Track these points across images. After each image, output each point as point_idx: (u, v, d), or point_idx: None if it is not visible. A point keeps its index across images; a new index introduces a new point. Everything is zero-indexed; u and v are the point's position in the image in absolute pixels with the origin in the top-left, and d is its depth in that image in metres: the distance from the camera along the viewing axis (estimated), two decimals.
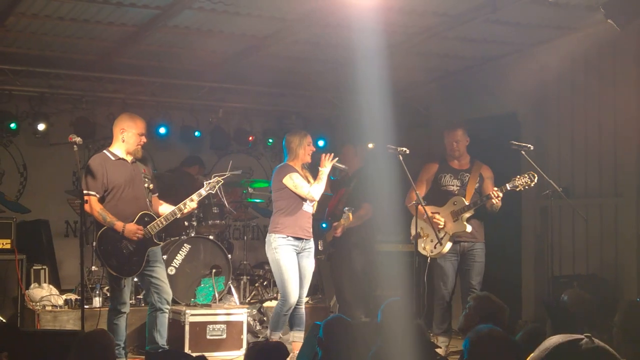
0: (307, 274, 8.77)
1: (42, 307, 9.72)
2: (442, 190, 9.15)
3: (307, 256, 8.75)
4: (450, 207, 8.99)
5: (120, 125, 8.07)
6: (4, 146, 11.92)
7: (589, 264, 9.47)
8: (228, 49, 10.38)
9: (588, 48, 9.33)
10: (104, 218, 7.75)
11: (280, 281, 8.65)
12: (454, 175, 9.16)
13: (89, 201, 7.75)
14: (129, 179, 7.94)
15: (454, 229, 8.91)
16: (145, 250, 7.92)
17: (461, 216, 8.90)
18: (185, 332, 9.39)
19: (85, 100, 11.76)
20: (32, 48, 10.38)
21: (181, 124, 12.55)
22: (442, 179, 9.19)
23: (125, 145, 8.01)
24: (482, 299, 6.28)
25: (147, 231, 7.87)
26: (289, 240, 8.56)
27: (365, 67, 9.10)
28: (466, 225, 8.89)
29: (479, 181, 9.11)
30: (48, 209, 11.91)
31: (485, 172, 9.17)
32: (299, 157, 8.73)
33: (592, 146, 9.50)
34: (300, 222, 8.64)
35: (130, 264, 7.87)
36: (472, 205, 8.88)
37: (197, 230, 10.68)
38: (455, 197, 9.01)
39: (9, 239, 10.06)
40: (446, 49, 10.13)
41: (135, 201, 7.94)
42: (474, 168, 9.17)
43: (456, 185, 9.13)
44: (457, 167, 9.21)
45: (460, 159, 9.22)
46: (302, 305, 8.80)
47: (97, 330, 7.04)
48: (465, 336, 4.54)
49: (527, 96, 10.16)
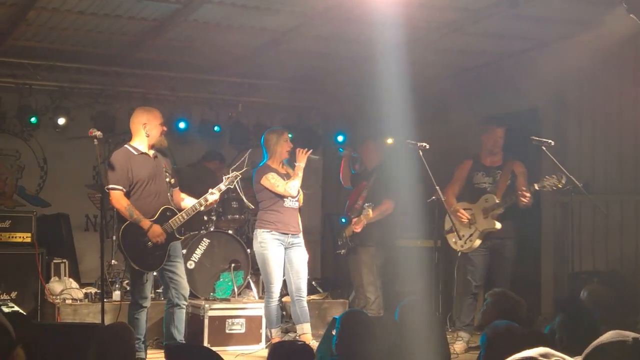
0: (300, 267, 8.88)
1: (62, 301, 9.75)
2: (475, 188, 9.26)
3: (295, 250, 8.87)
4: (482, 205, 9.09)
5: (141, 120, 8.06)
6: (25, 140, 11.98)
7: (609, 260, 9.42)
8: (248, 44, 10.37)
9: (609, 43, 9.25)
10: (130, 214, 7.76)
11: (264, 274, 8.90)
12: (486, 173, 9.25)
13: (115, 196, 7.78)
14: (152, 174, 7.95)
15: (484, 226, 9.01)
16: (167, 245, 7.94)
17: (491, 213, 8.96)
18: (205, 326, 9.40)
19: (105, 95, 11.81)
20: (53, 42, 10.39)
21: (200, 119, 12.55)
22: (475, 177, 9.29)
23: (150, 138, 8.01)
24: (499, 295, 6.29)
25: (169, 226, 7.89)
26: (273, 234, 8.73)
27: (385, 62, 9.10)
28: (496, 222, 8.96)
29: (511, 178, 9.17)
30: (68, 202, 11.96)
31: (517, 168, 9.22)
32: (277, 155, 8.90)
33: (613, 142, 9.45)
34: (283, 218, 8.78)
35: (154, 258, 7.89)
36: (503, 203, 8.95)
37: (217, 224, 10.70)
38: (486, 195, 9.11)
39: (29, 233, 10.11)
40: (466, 44, 10.08)
41: (157, 196, 7.96)
42: (506, 165, 9.23)
43: (488, 183, 9.20)
44: (489, 165, 9.28)
45: (494, 157, 9.26)
46: (303, 298, 8.89)
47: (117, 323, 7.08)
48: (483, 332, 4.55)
49: (547, 92, 10.11)
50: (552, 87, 10.03)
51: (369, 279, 9.76)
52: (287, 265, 8.81)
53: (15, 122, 11.64)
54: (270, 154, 8.91)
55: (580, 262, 9.52)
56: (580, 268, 9.42)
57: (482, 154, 9.37)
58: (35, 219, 10.24)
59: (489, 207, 9.01)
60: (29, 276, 9.98)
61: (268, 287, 8.81)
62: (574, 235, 8.72)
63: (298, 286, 8.81)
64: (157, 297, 10.13)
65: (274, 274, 8.71)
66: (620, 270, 9.10)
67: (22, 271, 9.99)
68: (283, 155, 8.88)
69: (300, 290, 8.82)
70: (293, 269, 8.81)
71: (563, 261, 9.59)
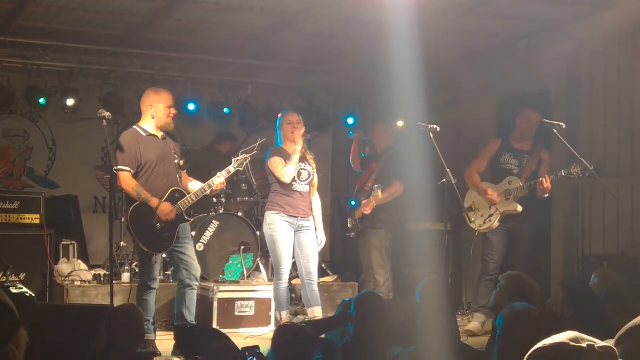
0: (310, 250, 8.83)
1: (71, 282, 9.75)
2: (500, 168, 9.24)
3: (305, 233, 8.81)
4: (504, 186, 9.08)
5: (148, 102, 8.06)
6: (33, 121, 11.97)
7: (620, 243, 9.38)
8: (258, 25, 10.30)
9: (622, 25, 9.19)
10: (138, 194, 7.75)
11: (273, 256, 8.89)
12: (514, 155, 9.22)
13: (122, 177, 7.75)
14: (161, 155, 7.94)
15: (505, 207, 9.02)
16: (177, 227, 7.93)
17: (514, 196, 8.93)
18: (214, 308, 9.41)
19: (115, 76, 11.76)
20: (62, 23, 10.34)
21: (210, 101, 12.53)
22: (502, 157, 9.26)
23: (156, 120, 8.00)
24: (513, 278, 6.25)
25: (178, 207, 7.88)
26: (282, 217, 8.68)
27: (396, 44, 9.02)
28: (517, 205, 8.92)
29: (537, 164, 9.11)
30: (77, 184, 11.95)
31: (544, 156, 9.22)
32: (284, 138, 8.87)
33: (625, 125, 9.39)
34: (291, 202, 8.73)
35: (163, 239, 7.88)
36: (527, 187, 8.90)
37: (226, 207, 10.69)
38: (511, 177, 9.10)
39: (38, 214, 10.09)
40: (478, 25, 10.01)
41: (166, 177, 7.95)
42: (534, 151, 9.20)
43: (515, 165, 9.17)
44: (518, 148, 9.24)
45: (525, 142, 9.22)
46: (313, 282, 8.84)
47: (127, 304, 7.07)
48: (496, 314, 4.51)
49: (559, 74, 10.05)
50: (564, 69, 9.97)
51: (379, 261, 9.72)
52: (297, 248, 8.77)
53: (24, 103, 11.63)
54: (280, 138, 8.90)
55: (590, 245, 9.47)
56: (590, 252, 9.37)
57: (513, 136, 9.34)
58: (44, 200, 10.20)
59: (512, 190, 9.00)
60: (37, 258, 9.97)
61: (277, 270, 8.79)
62: (584, 218, 8.68)
63: (308, 270, 8.77)
64: (166, 279, 10.15)
65: (283, 256, 8.67)
66: (631, 253, 9.07)
67: (30, 253, 9.97)
68: (289, 137, 8.79)
69: (310, 274, 8.78)
70: (303, 253, 8.77)
71: (573, 245, 9.55)
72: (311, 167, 8.90)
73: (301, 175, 8.79)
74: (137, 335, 5.66)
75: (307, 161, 8.86)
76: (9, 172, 11.91)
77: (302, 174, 8.80)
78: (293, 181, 8.72)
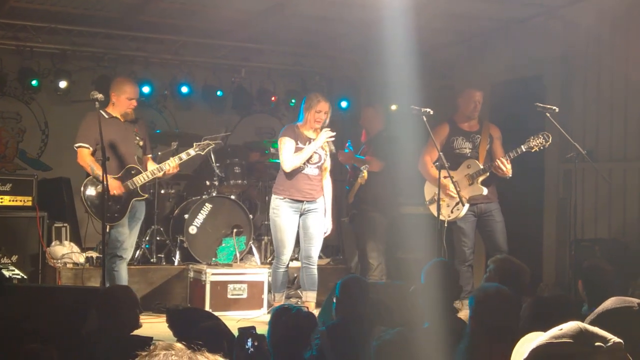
0: (314, 233, 8.69)
1: (63, 265, 9.74)
2: (455, 154, 9.01)
3: (311, 216, 8.66)
4: (464, 171, 8.90)
5: (112, 90, 8.53)
6: (26, 103, 11.93)
7: (612, 227, 9.39)
8: (252, 8, 10.26)
9: (616, 8, 9.17)
10: (92, 169, 8.24)
11: (274, 240, 8.75)
12: (465, 138, 9.06)
13: (80, 153, 8.34)
14: (121, 137, 8.38)
15: (470, 193, 8.82)
16: (129, 201, 8.36)
17: (477, 179, 8.84)
18: (206, 291, 9.42)
19: (108, 58, 11.76)
20: (55, 5, 10.31)
21: (204, 84, 12.52)
22: (455, 142, 9.07)
23: (115, 108, 8.46)
24: (503, 261, 6.27)
25: (132, 182, 8.32)
26: (286, 201, 8.55)
27: (390, 28, 9.01)
28: (482, 188, 8.81)
29: (489, 142, 9.04)
30: (69, 166, 11.83)
31: (494, 132, 9.11)
32: (306, 121, 8.61)
33: (618, 109, 9.38)
34: (298, 185, 8.56)
35: (113, 211, 8.24)
36: (487, 169, 8.80)
37: (219, 189, 10.66)
38: (468, 160, 8.93)
39: (30, 197, 10.07)
40: (472, 10, 9.98)
41: (124, 157, 8.39)
42: (483, 129, 9.09)
43: (468, 148, 9.03)
44: (467, 129, 9.11)
45: (472, 121, 9.13)
46: (313, 265, 8.76)
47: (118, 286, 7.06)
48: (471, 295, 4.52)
49: (553, 58, 10.04)
50: (558, 53, 9.97)
51: (372, 245, 9.72)
52: (301, 230, 8.67)
53: (17, 84, 11.61)
54: (302, 118, 8.63)
55: (583, 229, 9.47)
56: (582, 236, 9.37)
57: (458, 118, 9.19)
58: (36, 182, 10.19)
59: (474, 174, 8.83)
60: (29, 240, 9.95)
61: (278, 253, 8.68)
62: (576, 202, 8.66)
63: (308, 253, 8.68)
64: (158, 261, 10.16)
65: (285, 241, 8.56)
66: (622, 238, 9.08)
67: (23, 235, 9.95)
68: (312, 125, 8.56)
69: (309, 258, 8.70)
70: (306, 235, 8.67)
71: (565, 229, 9.55)
72: (324, 150, 8.65)
73: (312, 158, 8.55)
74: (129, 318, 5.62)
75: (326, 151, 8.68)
76: (1, 154, 11.88)
77: (313, 157, 8.56)
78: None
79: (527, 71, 10.40)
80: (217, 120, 12.41)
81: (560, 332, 2.50)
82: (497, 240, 8.94)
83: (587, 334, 2.46)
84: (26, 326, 5.28)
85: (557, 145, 8.79)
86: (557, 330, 2.51)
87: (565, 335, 2.48)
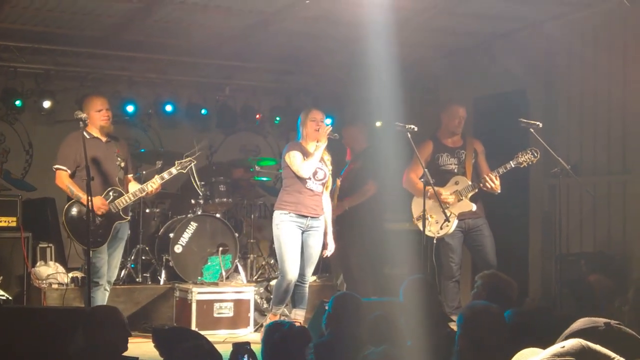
0: (313, 253, 8.71)
1: (48, 285, 9.69)
2: (441, 170, 9.04)
3: (313, 235, 8.68)
4: (452, 187, 8.92)
5: (84, 110, 8.40)
6: (9, 124, 11.88)
7: (597, 241, 9.41)
8: (236, 25, 10.25)
9: (598, 24, 9.24)
10: (71, 191, 8.20)
11: (279, 257, 8.67)
12: (450, 154, 9.09)
13: (58, 175, 8.31)
14: (101, 157, 8.33)
15: (459, 209, 8.84)
16: (112, 224, 8.29)
17: (466, 195, 8.85)
18: (192, 310, 9.41)
19: (92, 78, 11.73)
20: (38, 25, 10.27)
21: (188, 102, 12.50)
22: (440, 159, 9.10)
23: (92, 125, 8.40)
24: (490, 276, 6.28)
25: (114, 206, 8.26)
26: (291, 216, 8.54)
27: (374, 44, 9.03)
28: (471, 204, 8.84)
29: (474, 157, 9.07)
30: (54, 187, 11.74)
31: (478, 147, 9.17)
32: (305, 136, 8.71)
33: (601, 123, 9.41)
34: (303, 200, 8.58)
35: (96, 236, 8.08)
36: (476, 185, 8.82)
37: (204, 208, 10.65)
38: (456, 177, 8.96)
39: (14, 217, 10.04)
40: (455, 25, 10.01)
41: (105, 178, 8.32)
42: (467, 144, 9.14)
43: (454, 164, 9.06)
44: (451, 145, 9.15)
45: (455, 137, 9.16)
46: (305, 284, 8.77)
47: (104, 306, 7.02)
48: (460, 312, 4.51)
49: (536, 73, 10.09)
50: (541, 68, 10.02)
51: (357, 261, 9.72)
52: (303, 248, 8.67)
53: (0, 105, 11.55)
54: (301, 135, 8.75)
55: (568, 243, 9.50)
56: (567, 250, 9.40)
57: (442, 134, 9.23)
58: (20, 203, 10.17)
59: (463, 190, 8.85)
60: (14, 261, 9.93)
61: (282, 268, 8.61)
62: (561, 217, 8.69)
63: (303, 271, 8.65)
64: (143, 281, 10.13)
65: (287, 255, 8.52)
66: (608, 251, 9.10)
67: (7, 256, 9.93)
68: (312, 135, 8.66)
69: (303, 276, 8.69)
70: (306, 253, 8.65)
71: (551, 243, 9.56)
72: (327, 167, 8.77)
73: (317, 174, 8.63)
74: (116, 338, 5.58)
75: (323, 162, 8.73)
76: None
77: (317, 173, 8.64)
78: (307, 178, 8.60)
79: (510, 86, 10.43)
80: (201, 138, 12.37)
81: (562, 349, 2.47)
82: (487, 255, 8.95)
83: (589, 351, 2.43)
84: (13, 348, 5.25)
85: (542, 160, 8.81)
86: (559, 347, 2.49)
87: (568, 353, 2.45)
